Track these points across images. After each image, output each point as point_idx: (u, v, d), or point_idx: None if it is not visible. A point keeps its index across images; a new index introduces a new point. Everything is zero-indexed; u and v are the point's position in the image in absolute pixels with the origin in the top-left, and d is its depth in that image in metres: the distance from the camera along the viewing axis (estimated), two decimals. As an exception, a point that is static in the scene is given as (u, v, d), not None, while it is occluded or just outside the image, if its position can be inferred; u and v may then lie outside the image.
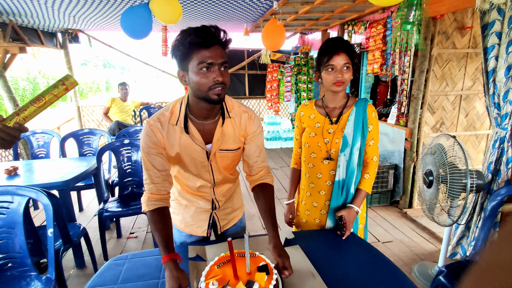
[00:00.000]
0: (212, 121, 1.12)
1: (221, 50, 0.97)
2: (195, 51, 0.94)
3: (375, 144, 1.42)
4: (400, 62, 3.07)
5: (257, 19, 3.96)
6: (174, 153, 1.11)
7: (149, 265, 1.16)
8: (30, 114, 0.92)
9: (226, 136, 1.13)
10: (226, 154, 1.16)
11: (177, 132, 1.08)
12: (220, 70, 0.97)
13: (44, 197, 1.57)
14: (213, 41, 0.95)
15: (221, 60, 0.96)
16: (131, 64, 49.21)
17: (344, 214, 1.35)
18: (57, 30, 4.81)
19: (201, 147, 1.11)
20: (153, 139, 1.07)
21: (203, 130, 1.11)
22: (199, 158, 1.13)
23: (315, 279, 1.04)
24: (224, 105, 1.13)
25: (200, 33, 0.93)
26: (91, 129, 3.31)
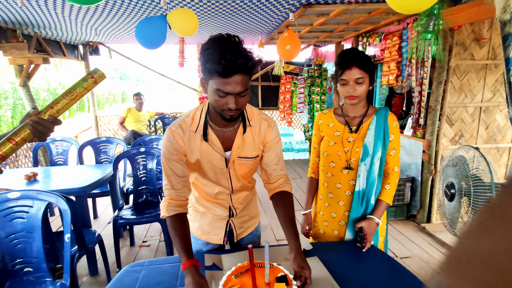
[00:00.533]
0: (232, 129, 1.12)
1: (242, 78, 0.92)
2: (214, 76, 0.92)
3: (396, 154, 1.38)
4: (417, 73, 3.03)
5: (272, 31, 4.02)
6: (194, 160, 1.11)
7: (166, 273, 1.15)
8: (63, 107, 0.95)
9: (245, 144, 1.14)
10: (245, 162, 1.16)
11: (197, 138, 1.09)
12: (236, 98, 0.95)
13: (63, 202, 1.59)
14: (234, 70, 0.89)
15: (239, 90, 0.93)
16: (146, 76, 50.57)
17: (364, 226, 1.31)
18: (78, 42, 5.00)
19: (220, 154, 1.12)
20: (175, 146, 1.08)
21: (223, 137, 1.12)
22: (218, 165, 1.13)
23: None
24: (245, 113, 1.13)
25: (221, 60, 0.87)
26: (108, 138, 3.37)
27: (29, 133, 0.90)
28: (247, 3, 2.68)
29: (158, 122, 5.69)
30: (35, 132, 0.89)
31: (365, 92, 1.31)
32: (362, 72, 1.26)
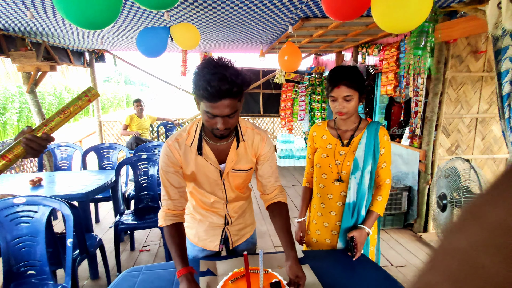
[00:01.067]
0: (226, 143, 1.18)
1: (230, 102, 0.97)
2: (203, 101, 0.98)
3: (387, 167, 1.42)
4: (414, 84, 3.09)
5: (273, 41, 4.11)
6: (190, 172, 1.18)
7: (163, 278, 1.20)
8: (56, 125, 0.99)
9: (239, 157, 1.19)
10: (238, 174, 1.22)
11: (192, 152, 1.15)
12: (225, 119, 1.00)
13: (66, 207, 1.65)
14: (220, 96, 0.94)
15: (227, 113, 0.98)
16: (150, 81, 51.02)
17: (356, 235, 1.35)
18: (85, 50, 5.13)
19: (214, 167, 1.17)
20: (172, 159, 1.14)
21: (217, 151, 1.18)
22: (213, 176, 1.19)
23: None
24: (238, 128, 1.19)
25: (207, 87, 0.93)
26: (111, 144, 3.45)
27: (22, 150, 0.93)
28: (247, 16, 2.76)
29: (161, 128, 5.77)
30: (28, 149, 0.93)
31: (355, 108, 1.35)
32: (350, 90, 1.30)
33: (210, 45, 4.67)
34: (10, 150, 0.92)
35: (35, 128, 0.97)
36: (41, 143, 0.95)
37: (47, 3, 2.34)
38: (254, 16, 2.78)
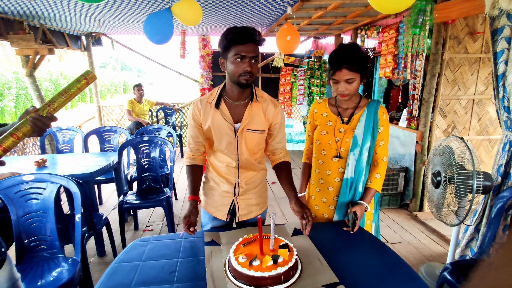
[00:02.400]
0: (242, 103, 1.35)
1: (254, 47, 1.22)
2: (234, 45, 1.21)
3: (385, 145, 1.46)
4: (412, 66, 3.11)
5: (271, 23, 4.08)
6: (207, 126, 1.35)
7: (169, 247, 1.28)
8: (59, 105, 1.05)
9: (254, 117, 1.35)
10: (252, 135, 1.36)
11: (211, 109, 1.34)
12: (250, 62, 1.22)
13: (73, 185, 1.71)
14: (248, 39, 1.20)
15: (252, 54, 1.22)
16: (147, 67, 50.33)
17: (357, 210, 1.40)
18: (82, 33, 5.07)
19: (229, 123, 1.33)
20: (194, 115, 1.37)
21: (233, 110, 1.35)
22: (228, 133, 1.34)
23: (322, 265, 1.12)
24: (254, 91, 1.37)
25: (239, 32, 1.19)
26: (112, 127, 3.49)
27: (29, 128, 1.00)
28: (247, -3, 2.75)
29: (160, 113, 5.79)
30: (34, 127, 1.00)
31: (356, 89, 1.39)
32: (352, 73, 1.32)
33: (209, 28, 4.63)
34: (18, 128, 0.98)
35: (40, 108, 1.03)
36: (46, 122, 1.01)
37: (45, -16, 2.32)
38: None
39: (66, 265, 1.66)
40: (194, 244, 1.30)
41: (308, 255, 1.18)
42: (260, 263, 1.02)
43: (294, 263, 1.04)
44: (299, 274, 1.04)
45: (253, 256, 1.05)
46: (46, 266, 1.65)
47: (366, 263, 1.16)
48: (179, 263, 1.16)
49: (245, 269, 0.99)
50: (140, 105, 5.04)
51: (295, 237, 1.32)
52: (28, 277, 1.54)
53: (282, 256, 1.05)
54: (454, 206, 1.95)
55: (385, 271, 1.11)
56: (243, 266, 1.00)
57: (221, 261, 1.14)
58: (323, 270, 1.09)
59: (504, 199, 1.80)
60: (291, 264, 1.02)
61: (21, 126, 0.99)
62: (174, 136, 3.47)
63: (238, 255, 1.06)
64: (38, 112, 1.01)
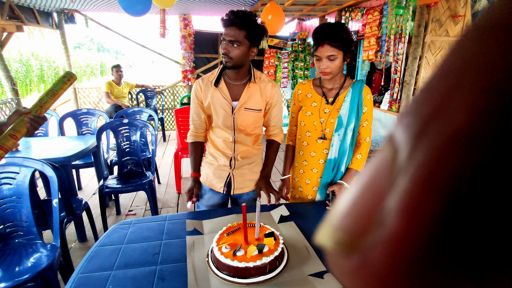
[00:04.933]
0: (240, 83, 1.43)
1: (235, 31, 1.27)
2: (224, 28, 1.30)
3: (368, 126, 1.47)
4: (395, 49, 3.14)
5: (255, 3, 3.97)
6: (207, 103, 1.44)
7: (153, 229, 1.26)
8: (48, 106, 1.14)
9: (252, 97, 1.42)
10: (249, 113, 1.44)
11: (211, 87, 1.43)
12: (228, 45, 1.29)
13: (49, 169, 1.64)
14: (229, 23, 1.27)
15: (230, 38, 1.28)
16: (126, 48, 48.32)
17: (336, 189, 1.43)
18: (53, 9, 4.75)
19: (227, 101, 1.41)
20: (196, 92, 1.46)
21: (232, 89, 1.43)
22: (225, 109, 1.42)
23: (309, 253, 1.11)
24: (252, 72, 1.45)
25: (226, 16, 1.27)
26: (89, 110, 3.34)
27: (26, 129, 1.07)
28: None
29: (141, 95, 5.60)
30: (31, 128, 1.07)
31: (338, 67, 1.36)
32: (334, 49, 1.30)
33: (189, 7, 4.45)
34: (16, 129, 1.06)
35: (32, 109, 1.10)
36: (40, 122, 1.09)
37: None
38: (236, -27, 2.65)
39: (45, 250, 1.61)
40: (178, 226, 1.28)
41: (295, 243, 1.16)
42: (245, 253, 1.00)
43: (280, 252, 1.02)
44: (285, 264, 1.02)
45: (237, 245, 1.03)
46: (24, 253, 1.59)
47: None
48: (163, 245, 1.15)
49: (228, 259, 0.96)
50: (119, 87, 4.84)
51: (282, 225, 1.30)
52: (4, 264, 1.49)
53: (267, 245, 1.03)
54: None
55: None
56: (227, 257, 0.97)
57: (203, 252, 1.11)
58: (310, 259, 1.07)
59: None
60: (276, 253, 0.99)
61: (19, 128, 1.06)
62: (155, 120, 3.38)
63: (221, 245, 1.03)
64: (32, 113, 1.08)
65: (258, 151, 1.58)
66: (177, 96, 6.22)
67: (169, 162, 4.43)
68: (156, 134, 2.81)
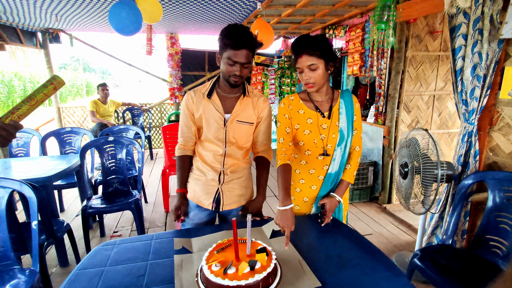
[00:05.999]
0: (234, 96, 1.42)
1: (247, 53, 1.26)
2: (228, 49, 1.25)
3: (358, 134, 1.44)
4: (378, 64, 3.23)
5: (241, 21, 4.05)
6: (198, 115, 1.41)
7: (138, 249, 1.19)
8: (24, 113, 0.98)
9: (244, 110, 1.42)
10: (241, 126, 1.43)
11: (204, 99, 1.41)
12: (241, 67, 1.28)
13: (28, 189, 1.56)
14: (241, 45, 1.23)
15: (244, 61, 1.27)
16: (112, 68, 48.24)
17: (326, 203, 1.39)
18: (37, 29, 4.71)
19: (219, 113, 1.39)
20: (187, 104, 1.43)
21: (225, 101, 1.41)
22: (217, 122, 1.40)
23: (303, 268, 1.06)
24: (246, 86, 1.45)
25: (234, 37, 1.22)
26: (73, 128, 3.26)
27: None
28: (215, -8, 2.69)
29: (127, 113, 5.53)
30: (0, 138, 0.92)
31: (321, 77, 1.31)
32: (313, 58, 1.26)
33: (176, 25, 4.49)
34: None
35: (2, 116, 0.96)
36: (10, 130, 0.94)
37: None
38: (222, -8, 2.71)
39: (23, 276, 1.51)
40: (166, 245, 1.22)
41: (288, 259, 1.11)
42: (236, 270, 0.95)
43: (273, 269, 0.97)
44: (278, 280, 0.98)
45: (228, 263, 0.98)
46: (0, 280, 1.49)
47: (345, 257, 1.14)
48: (149, 266, 1.09)
49: (219, 278, 0.90)
50: (104, 105, 4.76)
51: (274, 240, 1.25)
52: (-24, 294, 1.38)
53: (259, 262, 0.98)
54: (420, 195, 2.03)
55: (362, 262, 1.10)
56: (217, 275, 0.92)
57: (192, 271, 1.04)
58: (305, 275, 1.02)
59: (465, 187, 1.90)
60: (269, 269, 0.95)
61: None
62: (142, 137, 3.32)
63: (211, 263, 0.98)
64: (1, 120, 0.93)
65: (247, 165, 1.54)
66: (165, 114, 6.18)
67: (156, 181, 4.33)
68: (143, 151, 2.74)
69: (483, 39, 1.94)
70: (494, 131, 2.06)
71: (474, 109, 2.09)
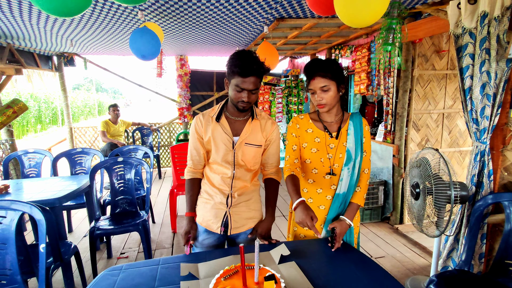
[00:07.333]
0: (242, 119, 1.44)
1: (255, 79, 1.28)
2: (235, 76, 1.28)
3: (367, 156, 1.45)
4: (385, 82, 3.24)
5: (249, 43, 4.15)
6: (207, 138, 1.43)
7: (144, 275, 1.17)
8: None
9: (253, 133, 1.42)
10: (250, 148, 1.43)
11: (212, 122, 1.42)
12: (249, 94, 1.30)
13: (37, 211, 1.57)
14: (249, 73, 1.25)
15: (252, 88, 1.29)
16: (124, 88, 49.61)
17: (336, 226, 1.36)
18: (53, 53, 4.91)
19: (228, 136, 1.40)
20: (196, 127, 1.44)
21: (233, 124, 1.43)
22: (226, 144, 1.41)
23: None
24: (254, 109, 1.46)
25: (242, 65, 1.24)
26: (84, 149, 3.32)
27: None
28: (223, 16, 2.78)
29: (137, 133, 5.62)
30: None
31: (333, 98, 1.36)
32: (326, 80, 1.33)
33: (186, 48, 4.63)
34: None
35: None
36: None
37: (12, 1, 2.23)
38: (230, 16, 2.80)
39: (28, 302, 1.49)
40: (172, 271, 1.20)
41: (297, 286, 1.07)
42: None
43: None
44: None
45: None
46: (4, 305, 1.47)
47: (357, 284, 1.11)
48: (155, 293, 1.06)
49: None
50: (115, 126, 4.87)
51: (282, 265, 1.21)
52: (-19, 320, 1.36)
53: None
54: (433, 217, 1.97)
55: (374, 288, 1.06)
56: None
57: None
58: None
59: (481, 209, 1.84)
60: None
61: None
62: (151, 157, 3.35)
63: None
64: None
65: (255, 187, 1.53)
66: (173, 133, 6.26)
67: (164, 200, 4.33)
68: (151, 171, 2.76)
69: (490, 59, 1.93)
70: (508, 150, 2.01)
71: (485, 128, 2.06)
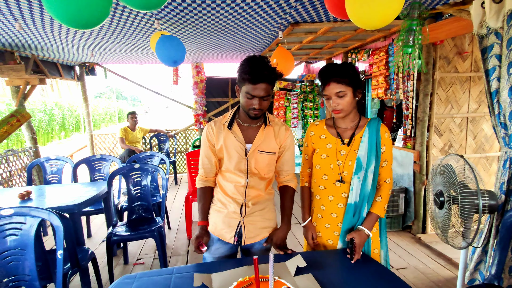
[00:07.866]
0: (255, 126, 1.40)
1: (266, 86, 1.24)
2: (246, 83, 1.25)
3: (388, 166, 1.39)
4: (404, 86, 3.13)
5: (263, 49, 4.14)
6: (219, 146, 1.39)
7: (158, 284, 1.16)
8: None
9: (266, 140, 1.39)
10: (263, 156, 1.39)
11: (224, 130, 1.39)
12: (260, 101, 1.26)
13: (55, 218, 1.59)
14: (260, 79, 1.21)
15: (263, 94, 1.25)
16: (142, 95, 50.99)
17: (355, 237, 1.31)
18: (75, 63, 5.10)
19: (240, 144, 1.37)
20: (208, 135, 1.41)
21: (246, 132, 1.40)
22: (239, 152, 1.37)
23: None
24: (267, 115, 1.42)
25: (252, 72, 1.20)
26: (102, 155, 3.39)
27: None
28: (237, 23, 2.79)
29: (154, 139, 5.72)
30: None
31: (349, 104, 1.32)
32: (341, 85, 1.29)
33: (201, 55, 4.69)
34: None
35: None
36: None
37: (35, 14, 2.32)
38: (244, 23, 2.80)
39: (46, 308, 1.51)
40: (186, 280, 1.18)
41: None
42: None
43: None
44: None
45: None
46: (23, 310, 1.49)
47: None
48: (168, 304, 1.04)
49: None
50: (133, 132, 4.99)
51: (298, 277, 1.16)
52: (1, 325, 1.39)
53: None
54: (459, 227, 1.86)
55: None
56: None
57: None
58: None
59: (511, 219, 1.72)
60: None
61: None
62: (167, 163, 3.38)
63: None
64: None
65: (269, 196, 1.50)
66: (189, 139, 6.33)
67: (180, 206, 4.35)
68: (167, 178, 2.78)
69: (519, 59, 1.82)
70: (540, 156, 1.88)
71: (515, 132, 1.94)
